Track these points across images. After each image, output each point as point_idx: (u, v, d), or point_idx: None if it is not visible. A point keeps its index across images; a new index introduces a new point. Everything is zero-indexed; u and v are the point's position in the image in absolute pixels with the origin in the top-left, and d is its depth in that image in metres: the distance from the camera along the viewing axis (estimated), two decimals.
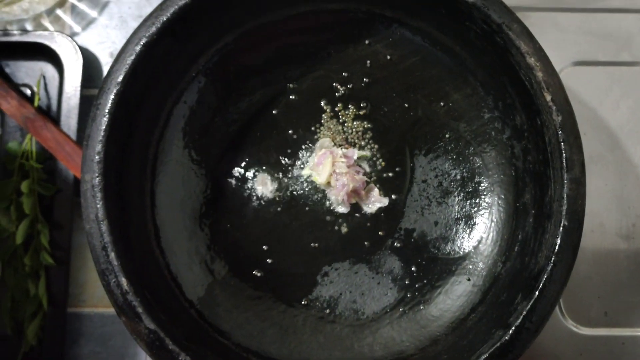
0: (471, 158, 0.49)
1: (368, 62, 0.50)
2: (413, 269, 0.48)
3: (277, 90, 0.50)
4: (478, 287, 0.46)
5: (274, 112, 0.50)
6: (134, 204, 0.44)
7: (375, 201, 0.49)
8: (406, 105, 0.50)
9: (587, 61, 0.57)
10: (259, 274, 0.48)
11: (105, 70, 0.56)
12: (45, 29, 0.57)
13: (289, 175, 0.49)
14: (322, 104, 0.50)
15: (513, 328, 0.40)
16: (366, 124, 0.50)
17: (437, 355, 0.44)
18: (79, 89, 0.54)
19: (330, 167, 0.48)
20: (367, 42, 0.50)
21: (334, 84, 0.50)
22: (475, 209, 0.49)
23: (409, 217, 0.49)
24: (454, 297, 0.47)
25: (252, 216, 0.49)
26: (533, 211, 0.45)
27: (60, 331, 0.51)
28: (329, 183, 0.48)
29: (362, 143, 0.50)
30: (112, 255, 0.40)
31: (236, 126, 0.49)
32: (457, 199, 0.49)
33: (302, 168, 0.50)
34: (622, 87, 0.57)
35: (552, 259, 0.40)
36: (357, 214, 0.49)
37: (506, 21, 0.42)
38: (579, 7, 0.58)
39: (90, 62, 0.57)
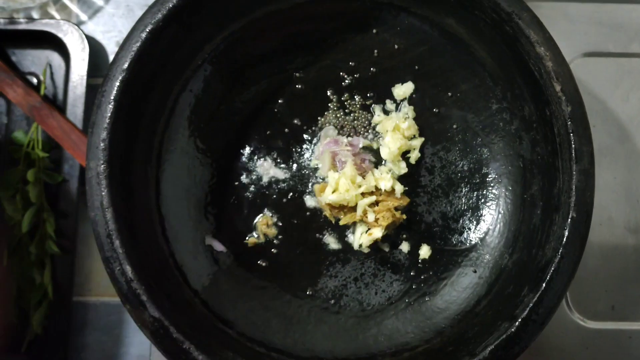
0: (478, 149, 0.48)
1: (375, 51, 0.49)
2: (419, 260, 0.48)
3: (283, 79, 0.49)
4: (484, 279, 0.46)
5: (279, 101, 0.49)
6: (139, 192, 0.44)
7: None
8: (413, 95, 0.49)
9: (597, 52, 0.56)
10: (264, 264, 0.47)
11: (112, 59, 0.55)
12: (52, 18, 0.57)
13: (294, 164, 0.49)
14: (329, 93, 0.50)
15: (519, 320, 0.40)
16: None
17: (443, 346, 0.44)
18: (85, 77, 0.53)
19: (330, 159, 0.47)
20: (374, 31, 0.49)
21: (341, 73, 0.49)
22: (482, 200, 0.48)
23: (415, 208, 0.48)
24: (460, 288, 0.46)
25: (257, 205, 0.48)
26: (541, 203, 0.44)
27: (66, 320, 0.52)
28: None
29: (368, 133, 0.49)
30: (117, 242, 0.40)
31: (242, 115, 0.49)
32: (464, 190, 0.48)
33: (308, 157, 0.49)
34: (632, 79, 0.56)
35: (560, 251, 0.40)
36: None
37: (516, 10, 0.42)
38: None
39: (96, 50, 0.57)
